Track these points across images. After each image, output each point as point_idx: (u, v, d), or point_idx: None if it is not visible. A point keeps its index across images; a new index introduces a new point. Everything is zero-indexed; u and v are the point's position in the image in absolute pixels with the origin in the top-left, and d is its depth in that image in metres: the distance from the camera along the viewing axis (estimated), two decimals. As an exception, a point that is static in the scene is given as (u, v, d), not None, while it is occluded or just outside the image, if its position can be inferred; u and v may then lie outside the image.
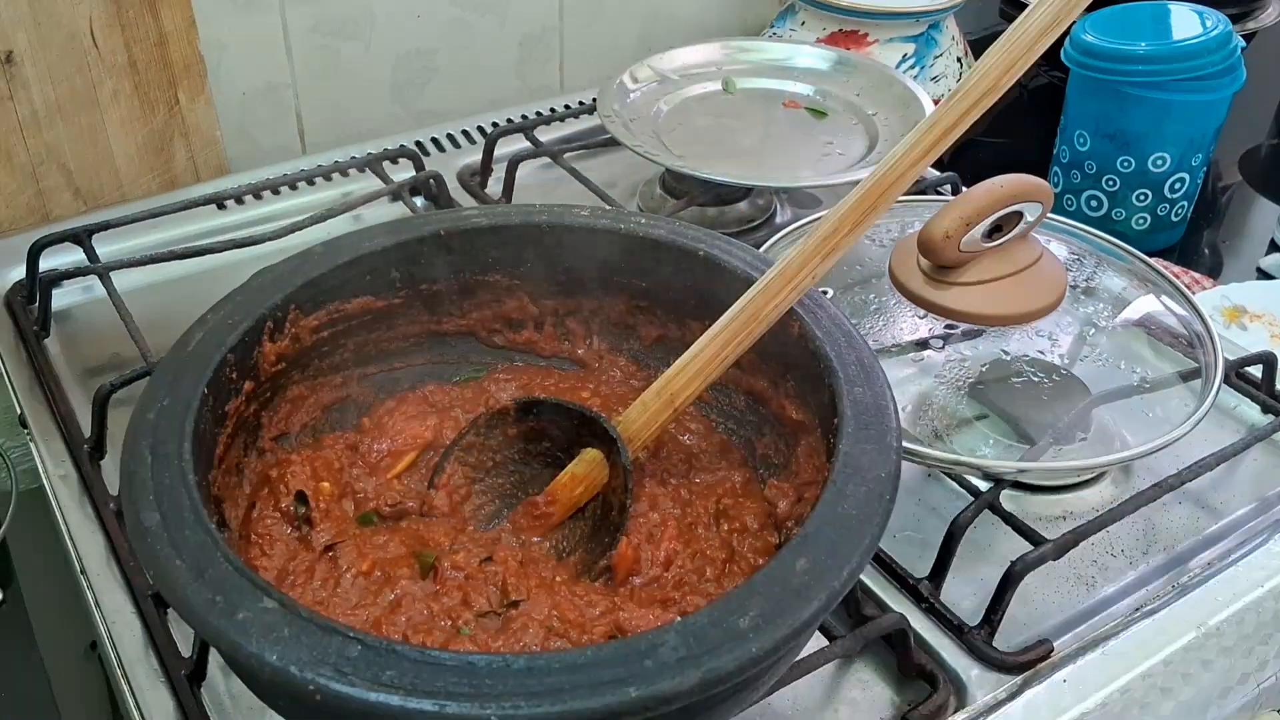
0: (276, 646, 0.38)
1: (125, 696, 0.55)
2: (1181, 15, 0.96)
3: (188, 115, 0.90)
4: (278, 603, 0.40)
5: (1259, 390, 0.71)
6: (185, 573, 0.41)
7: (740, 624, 0.39)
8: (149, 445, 0.46)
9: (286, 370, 0.56)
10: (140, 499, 0.44)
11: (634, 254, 0.59)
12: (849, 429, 0.47)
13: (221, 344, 0.51)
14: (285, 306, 0.54)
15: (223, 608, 0.39)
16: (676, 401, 0.53)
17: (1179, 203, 0.99)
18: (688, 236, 0.58)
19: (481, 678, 0.37)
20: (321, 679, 0.37)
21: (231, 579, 0.40)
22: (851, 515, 0.44)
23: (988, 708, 0.54)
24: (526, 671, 0.37)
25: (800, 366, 0.54)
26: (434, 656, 0.38)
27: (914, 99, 0.91)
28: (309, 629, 0.39)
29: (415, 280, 0.59)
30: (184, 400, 0.48)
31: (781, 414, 0.56)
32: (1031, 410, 0.66)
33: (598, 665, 0.38)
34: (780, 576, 0.41)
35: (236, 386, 0.52)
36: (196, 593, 0.40)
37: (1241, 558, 0.62)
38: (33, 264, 0.78)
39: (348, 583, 0.50)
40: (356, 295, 0.57)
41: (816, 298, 0.54)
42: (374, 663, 0.38)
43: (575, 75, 1.12)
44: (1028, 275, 0.66)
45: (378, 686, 0.37)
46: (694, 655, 0.38)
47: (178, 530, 0.42)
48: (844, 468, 0.46)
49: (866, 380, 0.50)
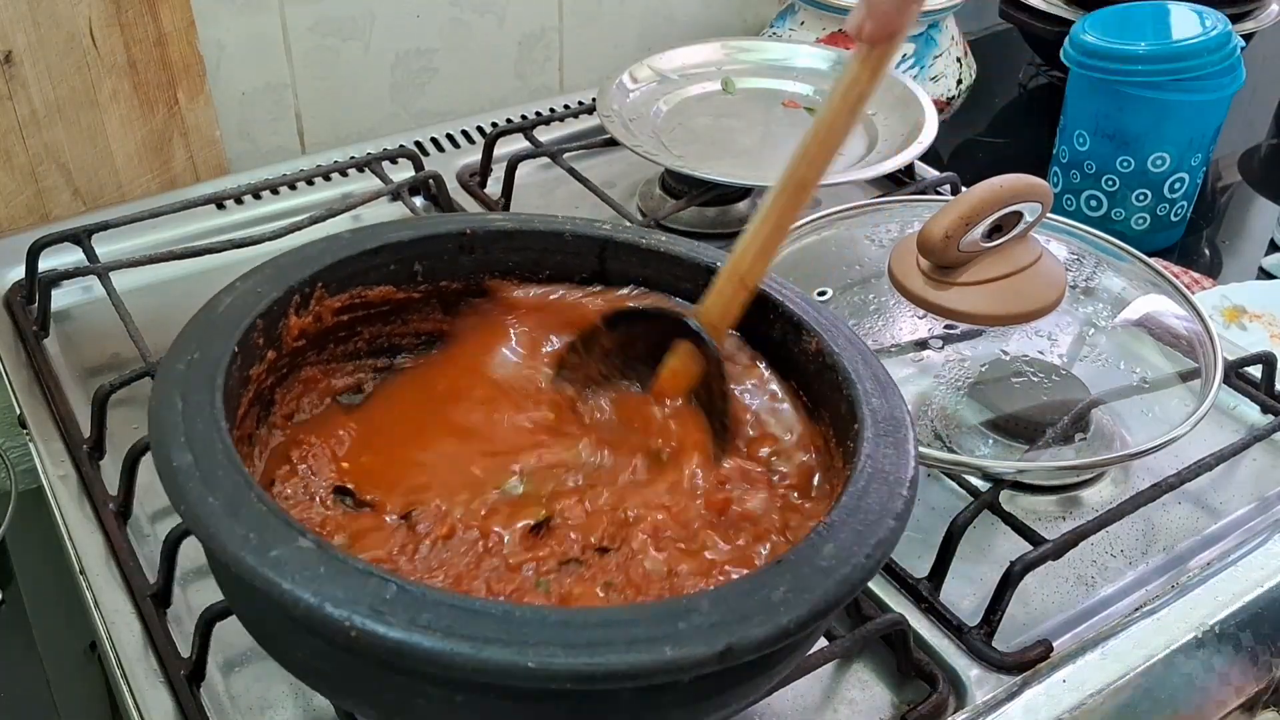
0: (312, 584, 0.38)
1: (124, 696, 0.55)
2: (1181, 15, 0.96)
3: (187, 115, 0.90)
4: (313, 543, 0.39)
5: (1259, 390, 0.71)
6: (218, 510, 0.40)
7: (772, 597, 0.40)
8: (180, 393, 0.45)
9: (304, 350, 0.56)
10: (171, 441, 0.43)
11: (649, 267, 0.59)
12: (869, 434, 0.48)
13: (251, 309, 0.51)
14: (313, 283, 0.54)
15: (257, 545, 0.39)
16: (749, 282, 0.55)
17: (1179, 203, 0.99)
18: (706, 255, 0.59)
19: (518, 626, 0.37)
20: (358, 617, 0.37)
21: (266, 519, 0.40)
22: (874, 509, 0.45)
23: (987, 708, 0.54)
24: (563, 624, 0.38)
25: (816, 381, 0.55)
26: (469, 603, 0.38)
27: (914, 99, 0.91)
28: (345, 568, 0.39)
29: (437, 275, 0.59)
30: (214, 356, 0.48)
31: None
32: (1031, 410, 0.66)
33: (633, 623, 0.38)
34: (809, 558, 0.42)
35: (261, 353, 0.52)
36: (230, 530, 0.40)
37: (1241, 558, 0.62)
38: (32, 264, 0.78)
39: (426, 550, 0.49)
40: (380, 283, 0.57)
41: (833, 319, 0.55)
42: (410, 605, 0.38)
43: (575, 75, 1.12)
44: (1027, 275, 0.66)
45: (414, 628, 0.37)
46: (726, 622, 0.39)
47: (210, 471, 0.42)
48: (865, 468, 0.47)
49: (883, 394, 0.51)
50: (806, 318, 0.55)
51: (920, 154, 0.86)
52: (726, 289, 0.55)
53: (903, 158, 0.84)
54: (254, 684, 0.55)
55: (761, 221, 0.54)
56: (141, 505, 0.63)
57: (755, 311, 0.56)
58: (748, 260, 0.54)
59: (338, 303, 0.56)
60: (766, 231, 0.54)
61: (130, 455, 0.61)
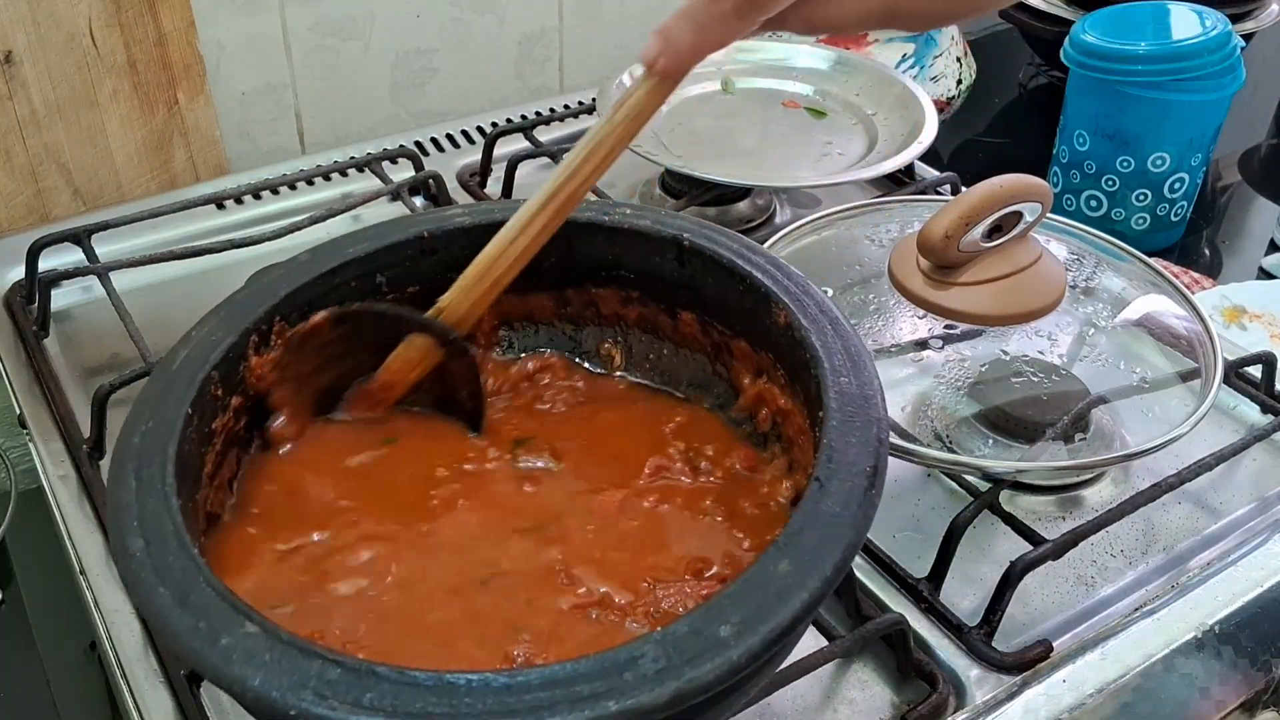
0: (258, 672, 0.38)
1: (124, 696, 0.55)
2: (1181, 15, 0.96)
3: (187, 115, 0.90)
4: (259, 627, 0.40)
5: (1259, 390, 0.71)
6: (168, 600, 0.41)
7: (721, 632, 0.39)
8: (134, 469, 0.46)
9: (279, 381, 0.55)
10: (125, 525, 0.44)
11: (618, 245, 0.59)
12: (833, 421, 0.47)
13: (205, 360, 0.50)
14: (269, 319, 0.53)
15: (205, 634, 0.40)
16: (503, 282, 0.55)
17: (1179, 202, 0.99)
18: (672, 226, 0.57)
19: (460, 696, 0.38)
20: (304, 703, 0.38)
21: (214, 604, 0.41)
22: (835, 513, 0.43)
23: (987, 708, 0.54)
24: (506, 689, 0.38)
25: (788, 356, 0.53)
26: (412, 677, 0.38)
27: (913, 99, 0.91)
28: (289, 653, 0.39)
29: (401, 283, 0.58)
30: (168, 422, 0.48)
31: (776, 406, 0.56)
32: (1031, 410, 0.66)
33: (576, 680, 0.38)
34: (762, 580, 0.41)
35: (223, 403, 0.52)
36: (180, 620, 0.40)
37: (1241, 558, 0.62)
38: (32, 264, 0.78)
39: None
40: (342, 302, 0.56)
41: (803, 283, 0.53)
42: (354, 685, 0.38)
43: (575, 75, 1.12)
44: (1027, 275, 0.66)
45: (358, 709, 0.37)
46: (673, 666, 0.38)
47: (161, 556, 0.42)
48: (827, 462, 0.45)
49: (854, 369, 0.49)
50: (775, 288, 0.53)
51: (920, 154, 0.86)
52: (476, 289, 0.55)
53: (903, 158, 0.84)
54: (254, 684, 0.55)
55: (522, 229, 0.54)
56: (141, 505, 0.63)
57: (725, 281, 0.55)
58: (503, 266, 0.54)
59: (301, 330, 0.55)
60: (526, 242, 0.54)
61: (130, 455, 0.61)
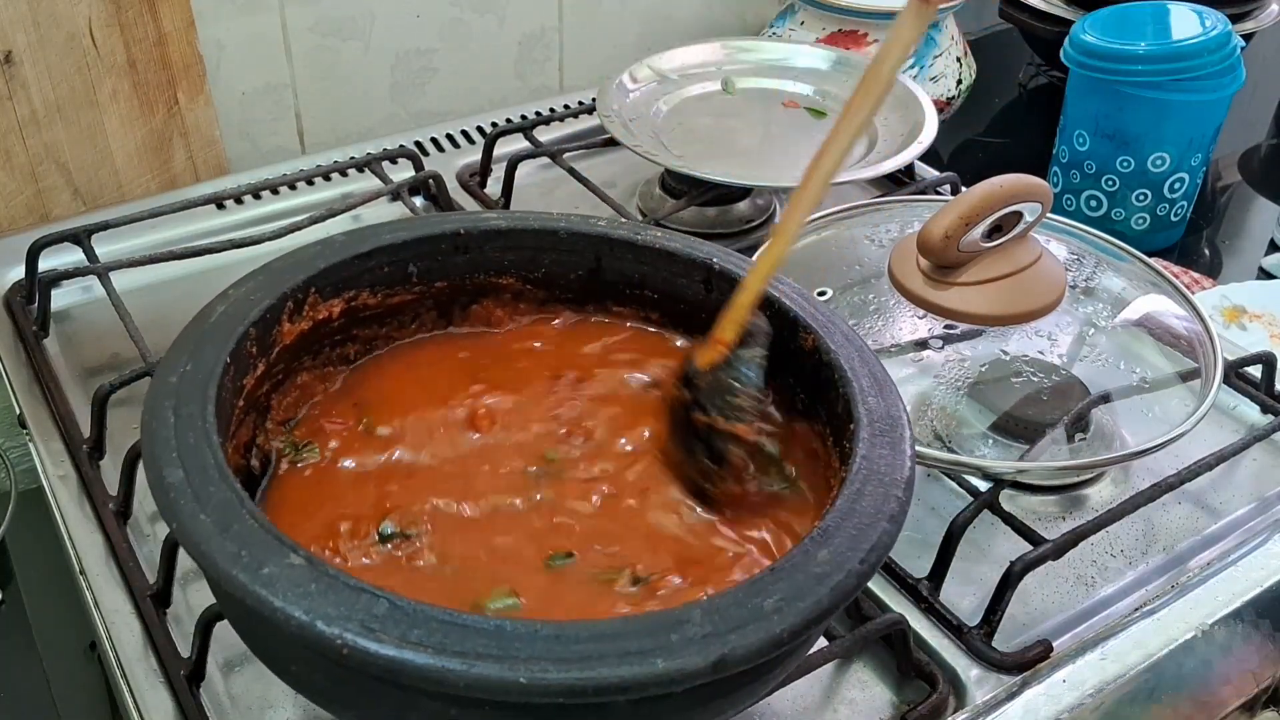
0: (303, 601, 0.38)
1: (124, 696, 0.55)
2: (1181, 15, 0.96)
3: (187, 115, 0.90)
4: (304, 559, 0.39)
5: (1258, 390, 0.71)
6: (210, 527, 0.40)
7: (764, 605, 0.40)
8: (172, 406, 0.45)
9: (299, 354, 0.56)
10: (163, 456, 0.43)
11: (646, 264, 0.59)
12: (864, 434, 0.48)
13: (244, 317, 0.51)
14: (306, 288, 0.54)
15: (248, 562, 0.39)
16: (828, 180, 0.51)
17: (1178, 202, 0.99)
18: (702, 251, 0.58)
19: (509, 641, 0.38)
20: (349, 634, 0.37)
21: (257, 535, 0.40)
22: (869, 512, 0.45)
23: (987, 708, 0.55)
24: (554, 638, 0.38)
25: (812, 380, 0.54)
26: (461, 619, 0.38)
27: (913, 99, 0.91)
28: (336, 585, 0.39)
29: (432, 276, 0.59)
30: (206, 367, 0.48)
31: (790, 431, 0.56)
32: (1031, 410, 0.66)
33: (625, 636, 0.38)
34: (802, 565, 0.42)
35: (254, 362, 0.52)
36: (221, 547, 0.40)
37: (1241, 558, 0.62)
38: (32, 264, 0.77)
39: None
40: (374, 285, 0.57)
41: (830, 315, 0.55)
42: (402, 621, 0.38)
43: (575, 75, 1.12)
44: (1027, 275, 0.66)
45: (406, 644, 0.37)
46: (719, 633, 0.39)
47: (202, 486, 0.42)
48: (860, 469, 0.47)
49: (880, 392, 0.51)
50: (803, 314, 0.54)
51: (920, 154, 0.86)
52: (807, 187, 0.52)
53: (903, 158, 0.84)
54: (254, 684, 0.55)
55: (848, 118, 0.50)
56: (141, 505, 0.63)
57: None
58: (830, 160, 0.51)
59: (332, 307, 0.56)
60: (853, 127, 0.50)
61: (130, 455, 0.61)
